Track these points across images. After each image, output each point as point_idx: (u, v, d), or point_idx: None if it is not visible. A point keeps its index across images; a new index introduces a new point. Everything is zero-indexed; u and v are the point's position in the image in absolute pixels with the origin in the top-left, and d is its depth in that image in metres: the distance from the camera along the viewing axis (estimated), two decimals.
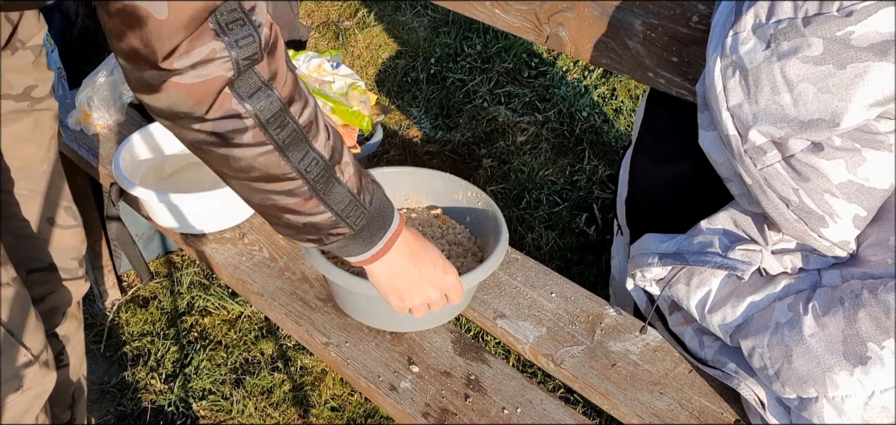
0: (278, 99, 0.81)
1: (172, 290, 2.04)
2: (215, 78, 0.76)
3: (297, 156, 0.85)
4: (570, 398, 1.74)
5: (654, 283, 1.21)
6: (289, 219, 0.90)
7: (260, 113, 0.80)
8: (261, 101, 0.80)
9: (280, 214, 0.90)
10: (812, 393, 1.00)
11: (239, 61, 0.77)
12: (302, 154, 0.85)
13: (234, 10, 0.75)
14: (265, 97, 0.80)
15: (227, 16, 0.75)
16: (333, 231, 0.92)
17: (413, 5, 3.33)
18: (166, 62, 0.74)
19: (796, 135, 0.99)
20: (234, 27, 0.75)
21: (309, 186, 0.87)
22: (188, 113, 0.78)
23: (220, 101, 0.78)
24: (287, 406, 1.76)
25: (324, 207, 0.89)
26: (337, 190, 0.90)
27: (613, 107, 2.73)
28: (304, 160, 0.85)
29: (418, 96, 2.82)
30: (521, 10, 1.37)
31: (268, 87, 0.80)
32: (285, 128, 0.83)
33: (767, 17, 0.98)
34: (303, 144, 0.85)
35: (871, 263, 1.03)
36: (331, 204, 0.90)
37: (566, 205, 2.30)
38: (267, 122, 0.81)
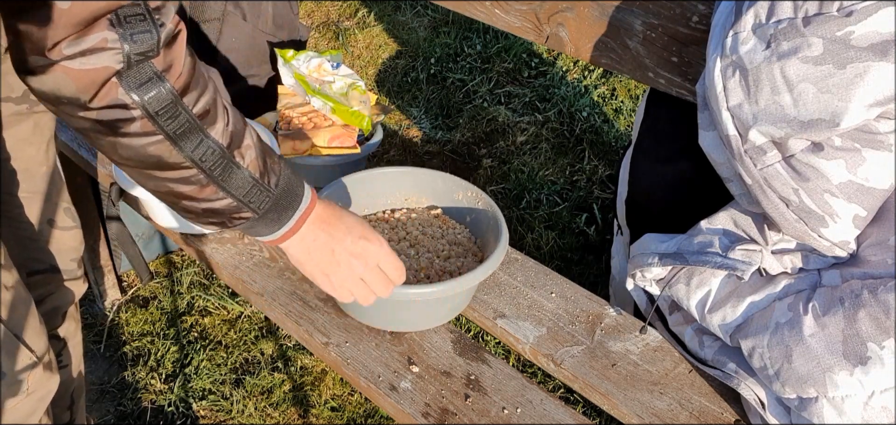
0: (170, 91, 0.79)
1: (172, 290, 2.04)
2: (103, 68, 0.74)
3: (190, 145, 0.82)
4: (570, 398, 1.74)
5: (654, 283, 1.21)
6: (187, 204, 0.88)
7: (148, 104, 0.78)
8: (150, 92, 0.78)
9: (177, 200, 0.88)
10: (812, 393, 1.00)
11: (131, 55, 0.75)
12: (195, 143, 0.83)
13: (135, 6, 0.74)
14: (155, 88, 0.78)
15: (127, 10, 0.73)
16: (236, 215, 0.91)
17: (413, 5, 3.33)
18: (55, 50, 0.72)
19: (796, 135, 0.99)
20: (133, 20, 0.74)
21: (205, 174, 0.85)
22: (72, 98, 0.76)
23: (106, 90, 0.76)
24: (287, 406, 1.76)
25: (223, 193, 0.87)
26: (237, 175, 0.87)
27: (613, 107, 2.73)
28: (198, 149, 0.83)
29: (418, 96, 2.82)
30: (521, 10, 1.37)
31: (160, 78, 0.78)
32: (177, 118, 0.81)
33: (767, 17, 0.98)
34: (197, 133, 0.83)
35: (871, 263, 1.03)
36: (230, 190, 0.88)
37: (566, 205, 2.30)
38: (156, 114, 0.79)
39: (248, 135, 0.89)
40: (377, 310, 1.20)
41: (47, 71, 0.74)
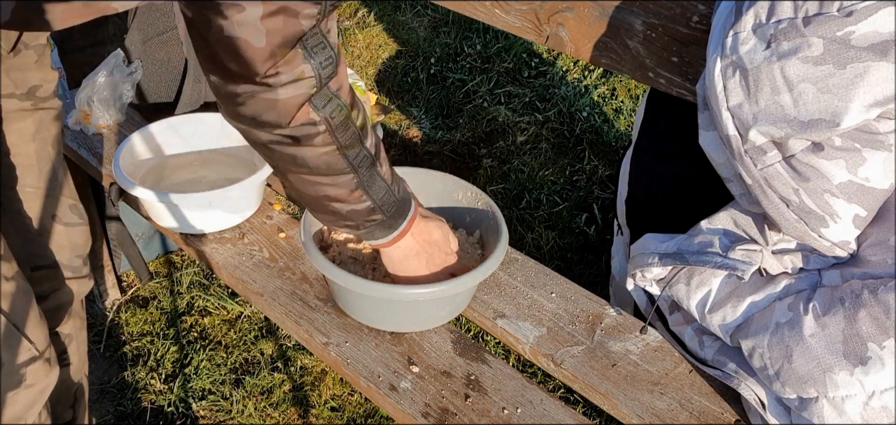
0: (344, 106, 0.93)
1: (172, 290, 2.04)
2: (301, 94, 0.87)
3: (352, 154, 0.97)
4: (570, 398, 1.74)
5: (655, 283, 1.21)
6: (335, 207, 1.02)
7: (331, 119, 0.92)
8: (332, 109, 0.91)
9: (328, 203, 1.02)
10: (812, 393, 1.00)
11: (321, 79, 0.88)
12: (356, 151, 0.97)
13: (316, 35, 0.85)
14: (335, 106, 0.92)
15: (312, 40, 0.85)
16: (370, 217, 1.05)
17: (413, 5, 3.33)
18: (262, 79, 0.84)
19: (796, 135, 0.99)
20: (318, 50, 0.86)
21: (357, 179, 0.99)
22: (273, 122, 0.89)
23: (302, 112, 0.89)
24: (287, 406, 1.76)
25: (366, 197, 1.02)
26: (378, 182, 1.02)
27: (613, 107, 2.73)
28: (357, 157, 0.98)
29: (418, 96, 2.82)
30: (521, 10, 1.37)
31: (336, 97, 0.92)
32: (348, 131, 0.94)
33: (767, 17, 0.98)
34: (358, 144, 0.97)
35: (871, 263, 1.03)
36: (372, 194, 1.02)
37: (566, 205, 2.30)
38: (336, 127, 0.93)
39: (382, 149, 1.04)
40: (377, 310, 1.20)
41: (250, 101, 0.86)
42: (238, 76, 0.85)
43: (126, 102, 1.71)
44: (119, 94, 1.69)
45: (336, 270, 1.15)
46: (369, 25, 3.25)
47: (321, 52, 0.86)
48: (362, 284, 1.13)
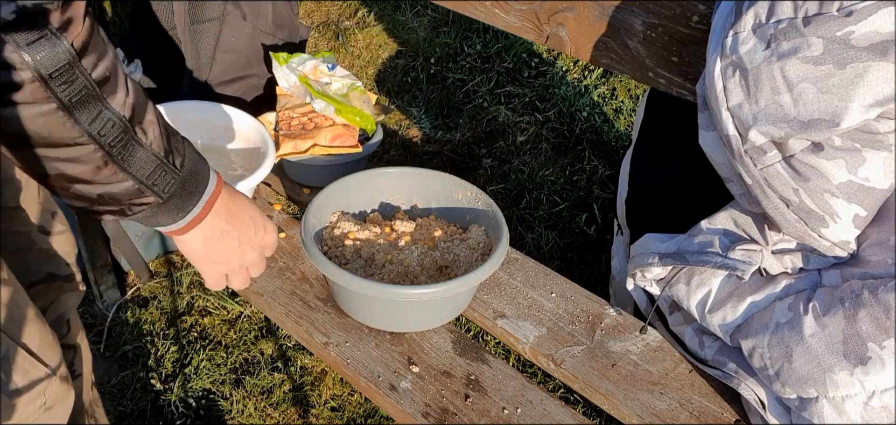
0: (67, 50, 0.68)
1: (172, 290, 2.04)
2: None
3: (86, 117, 0.71)
4: (570, 398, 1.74)
5: (655, 283, 1.21)
6: (79, 189, 0.76)
7: (40, 65, 0.66)
8: (43, 51, 0.66)
9: (68, 185, 0.76)
10: (812, 393, 1.00)
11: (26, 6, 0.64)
12: (93, 114, 0.72)
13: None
14: (49, 46, 0.67)
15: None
16: (137, 201, 0.80)
17: (413, 5, 3.33)
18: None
19: (796, 135, 0.99)
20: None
21: (103, 152, 0.74)
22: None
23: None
24: (287, 406, 1.76)
25: (123, 175, 0.76)
26: (139, 154, 0.77)
27: (613, 107, 2.73)
28: (96, 122, 0.72)
29: (418, 96, 2.82)
30: (521, 10, 1.37)
31: (55, 36, 0.67)
32: (73, 83, 0.69)
33: (767, 17, 0.98)
34: (96, 103, 0.72)
35: (871, 263, 1.03)
36: (132, 171, 0.77)
37: (566, 205, 2.30)
38: (50, 77, 0.68)
39: (151, 110, 0.79)
40: (378, 311, 1.20)
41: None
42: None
43: None
44: None
45: (336, 270, 1.15)
46: (369, 25, 3.25)
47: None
48: (362, 284, 1.13)
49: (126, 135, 0.75)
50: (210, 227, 0.89)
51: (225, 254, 0.93)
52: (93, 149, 0.73)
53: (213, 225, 0.89)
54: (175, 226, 0.85)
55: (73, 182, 0.75)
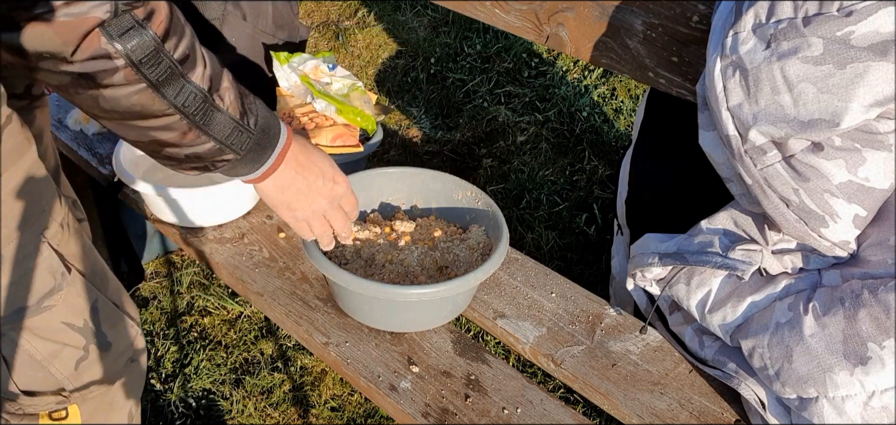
0: (153, 38, 0.78)
1: (172, 290, 2.04)
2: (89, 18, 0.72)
3: (172, 92, 0.82)
4: (570, 398, 1.74)
5: (655, 283, 1.21)
6: (169, 151, 0.88)
7: (131, 53, 0.76)
8: (133, 40, 0.76)
9: (159, 148, 0.88)
10: (812, 393, 1.00)
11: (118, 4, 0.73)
12: (177, 89, 0.82)
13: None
14: (138, 36, 0.76)
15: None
16: (219, 158, 0.91)
17: (413, 5, 3.33)
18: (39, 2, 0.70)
19: (796, 135, 0.99)
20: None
21: (187, 119, 0.85)
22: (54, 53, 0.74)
23: (89, 40, 0.74)
24: (287, 406, 1.76)
25: (205, 137, 0.87)
26: (218, 118, 0.87)
27: (613, 107, 2.73)
28: (180, 95, 0.83)
29: (418, 96, 2.82)
30: (521, 10, 1.37)
31: (142, 26, 0.76)
32: (159, 65, 0.79)
33: (767, 17, 0.98)
34: (178, 79, 0.82)
35: (871, 263, 1.03)
36: (212, 133, 0.88)
37: (566, 205, 2.30)
38: (140, 62, 0.77)
39: (226, 77, 0.88)
40: (378, 311, 1.20)
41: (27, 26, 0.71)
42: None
43: None
44: None
45: (336, 270, 1.15)
46: (369, 25, 3.25)
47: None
48: (362, 284, 1.13)
49: (206, 103, 0.85)
50: (281, 176, 1.01)
51: (296, 200, 1.04)
52: (178, 118, 0.83)
53: (284, 174, 1.01)
54: (252, 175, 0.98)
55: (164, 146, 0.87)
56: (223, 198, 1.40)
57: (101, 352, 1.08)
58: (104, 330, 1.07)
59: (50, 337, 1.03)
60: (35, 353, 1.03)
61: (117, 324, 1.10)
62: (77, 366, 1.07)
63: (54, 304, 1.01)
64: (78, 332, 1.05)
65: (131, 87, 0.78)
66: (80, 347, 1.05)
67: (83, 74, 0.76)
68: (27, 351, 1.03)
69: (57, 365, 1.05)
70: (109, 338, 1.09)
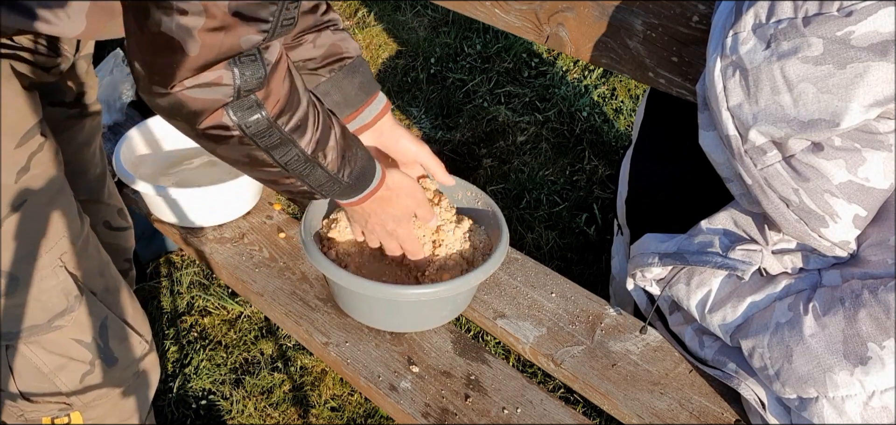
0: (267, 118, 0.88)
1: (172, 290, 2.04)
2: (215, 100, 0.83)
3: (278, 154, 0.93)
4: (570, 398, 1.74)
5: (655, 283, 1.21)
6: (272, 187, 1.01)
7: (247, 128, 0.87)
8: (249, 119, 0.87)
9: (263, 182, 1.01)
10: (812, 393, 1.00)
11: (241, 90, 0.84)
12: (283, 152, 0.93)
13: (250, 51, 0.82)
14: (254, 117, 0.87)
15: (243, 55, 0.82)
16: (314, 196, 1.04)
17: (413, 5, 3.33)
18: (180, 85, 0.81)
19: (796, 135, 0.99)
20: (247, 63, 0.82)
21: (288, 172, 0.96)
22: (186, 117, 0.85)
23: (213, 117, 0.85)
24: (287, 406, 1.76)
25: (302, 183, 0.99)
26: (317, 172, 0.99)
27: (613, 107, 2.73)
28: (285, 156, 0.94)
29: (418, 96, 2.82)
30: (521, 10, 1.37)
31: (259, 106, 0.87)
32: (271, 137, 0.90)
33: (767, 17, 0.98)
34: (287, 145, 0.93)
35: (871, 263, 1.03)
36: (309, 183, 1.00)
37: (566, 205, 2.30)
38: (253, 135, 0.89)
39: (333, 137, 0.99)
40: (377, 311, 1.20)
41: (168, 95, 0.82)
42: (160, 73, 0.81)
43: (126, 102, 1.71)
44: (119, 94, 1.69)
45: (336, 270, 1.15)
46: (369, 25, 3.25)
47: (249, 66, 0.82)
48: (362, 284, 1.13)
49: (308, 163, 0.97)
50: (361, 210, 1.14)
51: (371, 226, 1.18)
52: (280, 170, 0.96)
53: (365, 208, 1.14)
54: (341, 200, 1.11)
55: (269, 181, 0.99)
56: (223, 199, 1.40)
57: (107, 367, 1.10)
58: (111, 346, 1.11)
59: (58, 352, 1.06)
60: (42, 366, 1.06)
61: (125, 341, 1.13)
62: (82, 380, 1.08)
63: (65, 325, 1.03)
64: (86, 348, 1.07)
65: (244, 147, 0.90)
66: (87, 362, 1.08)
67: (206, 136, 0.88)
68: (34, 363, 1.05)
69: (62, 378, 1.08)
70: (116, 354, 1.12)
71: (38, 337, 1.04)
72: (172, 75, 0.80)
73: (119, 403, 1.14)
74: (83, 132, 1.19)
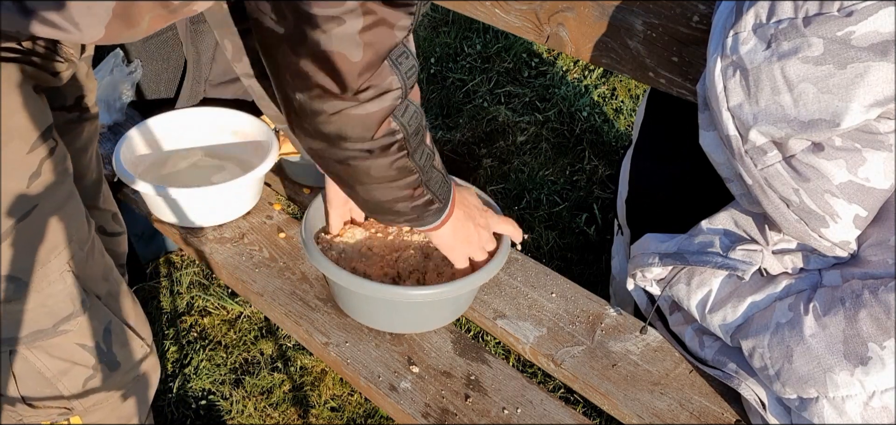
0: (418, 110, 0.92)
1: (172, 290, 2.04)
2: (387, 107, 0.85)
3: (419, 154, 0.96)
4: (570, 398, 1.74)
5: (655, 283, 1.21)
6: (398, 207, 1.01)
7: (408, 126, 0.90)
8: (409, 117, 0.90)
9: (391, 205, 1.01)
10: (812, 393, 1.00)
11: (406, 89, 0.86)
12: (421, 152, 0.96)
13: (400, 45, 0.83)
14: (412, 113, 0.90)
15: (396, 50, 0.83)
16: (430, 207, 1.04)
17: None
18: (353, 95, 0.82)
19: (797, 135, 0.99)
20: (402, 60, 0.84)
21: (420, 177, 0.98)
22: (357, 137, 0.87)
23: (385, 124, 0.87)
24: (287, 406, 1.76)
25: (426, 191, 1.01)
26: (434, 175, 1.02)
27: (613, 107, 2.73)
28: (422, 156, 0.97)
29: None
30: (521, 10, 1.37)
31: (413, 103, 0.90)
32: (419, 134, 0.94)
33: (768, 17, 0.98)
34: (423, 144, 0.96)
35: (871, 263, 1.03)
36: (431, 187, 1.01)
37: (566, 205, 2.30)
38: (411, 134, 0.91)
39: (429, 135, 1.00)
40: (378, 311, 1.20)
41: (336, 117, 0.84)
42: (329, 93, 0.82)
43: (126, 102, 1.71)
44: (119, 94, 1.69)
45: (337, 270, 1.15)
46: None
47: (405, 62, 0.84)
48: (363, 285, 1.13)
49: (430, 161, 0.99)
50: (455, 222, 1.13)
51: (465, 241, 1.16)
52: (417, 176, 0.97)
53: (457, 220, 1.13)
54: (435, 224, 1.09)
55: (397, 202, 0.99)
56: (223, 199, 1.40)
57: (109, 372, 1.10)
58: (114, 350, 1.11)
59: (62, 357, 1.06)
60: (45, 371, 1.06)
61: (127, 345, 1.14)
62: (84, 384, 1.09)
63: (70, 330, 1.03)
64: (89, 353, 1.08)
65: (399, 154, 0.92)
66: (90, 366, 1.08)
67: (371, 149, 0.89)
68: (37, 368, 1.05)
69: (64, 383, 1.08)
70: (119, 359, 1.12)
71: (43, 342, 1.04)
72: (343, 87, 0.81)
73: (119, 406, 1.14)
74: (82, 137, 1.18)
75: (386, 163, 0.92)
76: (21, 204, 0.95)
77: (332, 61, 0.79)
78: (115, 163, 1.41)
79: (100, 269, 1.09)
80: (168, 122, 1.56)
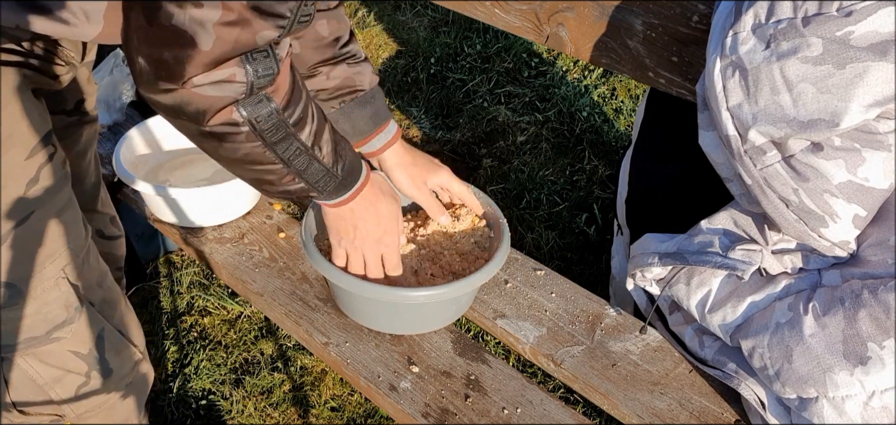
0: (276, 109, 0.87)
1: (172, 290, 2.04)
2: (225, 97, 0.82)
3: (282, 148, 0.91)
4: (570, 398, 1.74)
5: (655, 283, 1.21)
6: (267, 188, 0.99)
7: (257, 122, 0.86)
8: (261, 112, 0.86)
9: (259, 184, 0.98)
10: (812, 393, 1.00)
11: (253, 87, 0.82)
12: (286, 146, 0.92)
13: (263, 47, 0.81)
14: (265, 110, 0.86)
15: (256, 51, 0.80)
16: (305, 195, 1.02)
17: (413, 5, 3.33)
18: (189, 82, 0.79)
19: (796, 135, 0.99)
20: (259, 59, 0.81)
21: (288, 168, 0.94)
22: (192, 116, 0.83)
23: (223, 113, 0.83)
24: (287, 406, 1.76)
25: (300, 180, 0.97)
26: (314, 167, 0.97)
27: (613, 107, 2.73)
28: (288, 151, 0.92)
29: (418, 96, 2.82)
30: (521, 10, 1.37)
31: (268, 99, 0.86)
32: (278, 131, 0.89)
33: (767, 18, 0.98)
34: (290, 139, 0.91)
35: (871, 263, 1.03)
36: (306, 178, 0.98)
37: (566, 205, 2.30)
38: (263, 131, 0.87)
39: (327, 130, 0.98)
40: (378, 313, 1.20)
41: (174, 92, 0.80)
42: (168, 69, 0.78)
43: (126, 102, 1.71)
44: (119, 94, 1.69)
45: (336, 271, 1.15)
46: (369, 25, 3.25)
47: (262, 62, 0.81)
48: (362, 286, 1.13)
49: (307, 155, 0.95)
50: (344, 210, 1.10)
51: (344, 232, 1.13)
52: (282, 167, 0.94)
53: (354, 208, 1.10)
54: (327, 203, 1.08)
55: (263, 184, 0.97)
56: (223, 199, 1.40)
57: (103, 379, 1.10)
58: (107, 357, 1.10)
59: (55, 364, 1.05)
60: (37, 378, 1.05)
61: (121, 352, 1.13)
62: (77, 391, 1.08)
63: (64, 337, 1.03)
64: (82, 360, 1.07)
65: (250, 144, 0.88)
66: (83, 374, 1.08)
67: (211, 134, 0.86)
68: (29, 375, 1.05)
69: (57, 390, 1.07)
70: (112, 365, 1.12)
71: (36, 349, 1.03)
72: (182, 71, 0.78)
73: (111, 412, 1.14)
74: (81, 141, 1.18)
75: (234, 149, 0.89)
76: (18, 209, 0.95)
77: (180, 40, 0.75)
78: (115, 163, 1.42)
79: (95, 276, 1.09)
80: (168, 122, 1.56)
